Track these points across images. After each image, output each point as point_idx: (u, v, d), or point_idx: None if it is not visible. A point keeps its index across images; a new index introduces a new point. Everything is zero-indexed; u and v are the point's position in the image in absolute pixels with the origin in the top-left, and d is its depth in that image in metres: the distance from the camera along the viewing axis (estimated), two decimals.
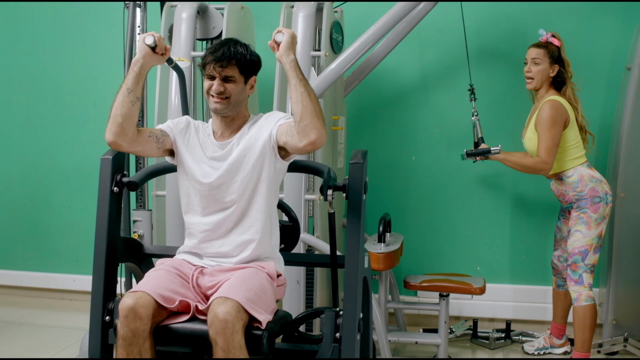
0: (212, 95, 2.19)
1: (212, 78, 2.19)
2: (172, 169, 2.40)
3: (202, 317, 2.07)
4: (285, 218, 2.56)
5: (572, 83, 3.09)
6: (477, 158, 3.21)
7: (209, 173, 2.21)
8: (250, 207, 2.21)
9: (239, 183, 2.20)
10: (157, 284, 2.08)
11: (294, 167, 2.38)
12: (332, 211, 2.14)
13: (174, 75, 3.15)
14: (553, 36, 3.08)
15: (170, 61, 2.42)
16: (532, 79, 3.08)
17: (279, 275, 2.27)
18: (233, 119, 2.26)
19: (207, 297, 2.16)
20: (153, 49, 2.13)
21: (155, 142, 2.20)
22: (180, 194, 2.31)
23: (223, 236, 2.23)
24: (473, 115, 3.31)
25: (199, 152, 2.25)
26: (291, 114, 2.09)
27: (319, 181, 3.13)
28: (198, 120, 2.36)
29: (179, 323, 2.07)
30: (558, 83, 3.08)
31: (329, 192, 2.10)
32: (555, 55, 3.05)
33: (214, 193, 2.21)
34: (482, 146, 3.22)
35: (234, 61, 2.17)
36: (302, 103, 2.01)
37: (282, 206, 2.50)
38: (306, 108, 2.00)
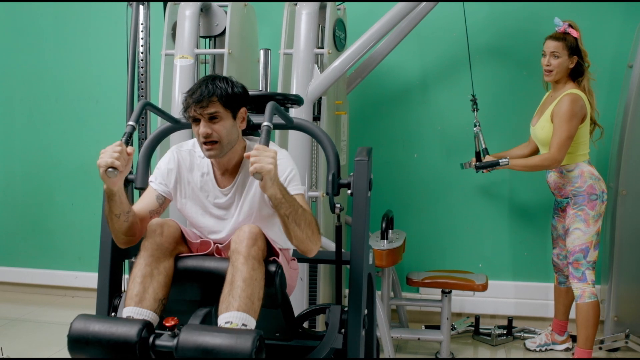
0: (203, 143, 2.07)
1: (197, 121, 2.06)
2: (170, 130, 2.43)
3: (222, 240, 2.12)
4: None
5: (589, 73, 3.07)
6: (485, 170, 3.19)
7: (214, 227, 2.19)
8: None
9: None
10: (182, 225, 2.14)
11: (302, 128, 2.36)
12: (339, 224, 2.15)
13: (176, 72, 3.15)
14: (570, 26, 3.05)
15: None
16: (551, 72, 3.05)
17: (293, 260, 2.30)
18: (230, 158, 2.15)
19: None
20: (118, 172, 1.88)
21: (156, 214, 2.20)
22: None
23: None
24: (475, 126, 3.29)
25: (200, 197, 2.19)
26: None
27: (322, 178, 3.14)
28: (186, 150, 2.23)
29: (197, 256, 2.10)
30: (575, 74, 3.06)
31: (337, 205, 2.10)
32: (573, 47, 3.02)
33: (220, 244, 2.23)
34: (489, 158, 3.20)
35: (214, 97, 2.03)
36: (293, 237, 1.99)
37: None
38: (298, 239, 1.99)
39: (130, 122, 1.99)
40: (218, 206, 2.18)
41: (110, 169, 1.85)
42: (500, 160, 3.11)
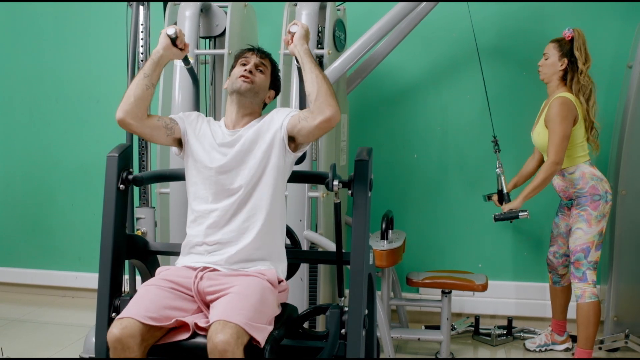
0: (240, 76, 2.26)
1: (245, 64, 2.29)
2: (178, 177, 2.42)
3: (203, 333, 1.99)
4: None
5: (586, 79, 3.04)
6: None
7: (218, 158, 2.23)
8: (256, 193, 2.20)
9: (247, 169, 2.19)
10: (147, 305, 2.00)
11: (296, 178, 2.39)
12: (338, 201, 2.14)
13: (176, 72, 3.16)
14: (573, 30, 3.08)
15: (187, 62, 2.45)
16: (540, 72, 3.14)
17: (280, 282, 2.23)
18: (246, 112, 2.29)
19: (207, 304, 2.10)
20: (174, 40, 2.20)
21: (164, 127, 2.23)
22: (188, 183, 2.29)
23: (227, 222, 2.19)
24: (497, 168, 3.28)
25: (209, 139, 2.27)
26: (306, 94, 2.19)
27: None
28: (209, 117, 2.41)
29: (178, 342, 2.00)
30: (569, 78, 3.08)
31: (335, 182, 2.10)
32: (565, 50, 3.06)
33: (222, 179, 2.20)
34: (509, 207, 3.13)
35: (270, 59, 2.36)
36: (317, 84, 2.13)
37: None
38: (321, 88, 2.12)
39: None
40: (224, 144, 2.25)
41: (171, 28, 2.20)
42: (519, 214, 3.08)
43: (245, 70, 2.27)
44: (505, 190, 3.27)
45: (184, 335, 2.01)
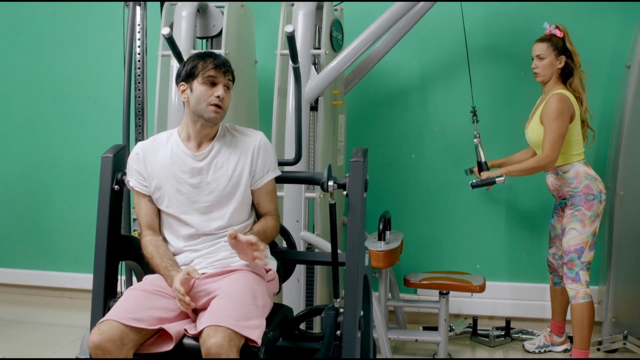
0: (212, 104, 2.14)
1: (214, 84, 2.16)
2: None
3: (193, 336, 1.99)
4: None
5: (581, 72, 3.06)
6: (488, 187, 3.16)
7: (192, 196, 2.20)
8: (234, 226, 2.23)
9: (224, 213, 2.21)
10: (130, 307, 1.99)
11: (292, 179, 2.43)
12: (333, 202, 2.14)
13: (173, 73, 3.14)
14: (557, 27, 3.07)
15: (182, 61, 2.46)
16: (538, 74, 3.09)
17: (268, 271, 2.24)
18: (212, 130, 2.23)
19: (195, 308, 2.09)
20: None
21: (156, 208, 2.27)
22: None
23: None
24: (475, 138, 3.28)
25: (172, 170, 2.20)
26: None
27: None
28: (147, 141, 2.31)
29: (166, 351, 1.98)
30: (566, 74, 3.07)
31: (330, 182, 2.10)
32: (560, 47, 3.04)
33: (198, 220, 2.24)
34: (486, 175, 3.13)
35: (231, 70, 2.20)
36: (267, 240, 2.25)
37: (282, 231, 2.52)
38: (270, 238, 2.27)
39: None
40: (193, 172, 2.19)
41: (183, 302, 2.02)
42: (496, 179, 3.06)
43: (218, 97, 2.14)
44: (484, 160, 3.25)
45: (168, 346, 1.98)
